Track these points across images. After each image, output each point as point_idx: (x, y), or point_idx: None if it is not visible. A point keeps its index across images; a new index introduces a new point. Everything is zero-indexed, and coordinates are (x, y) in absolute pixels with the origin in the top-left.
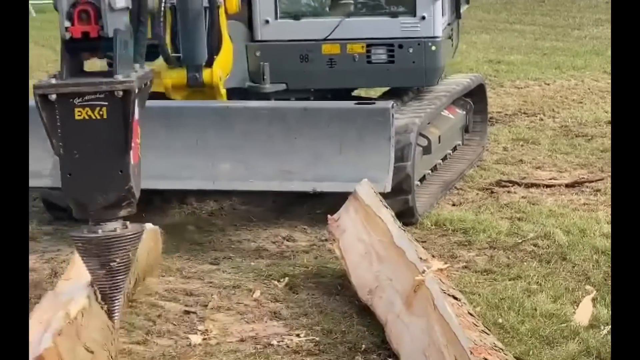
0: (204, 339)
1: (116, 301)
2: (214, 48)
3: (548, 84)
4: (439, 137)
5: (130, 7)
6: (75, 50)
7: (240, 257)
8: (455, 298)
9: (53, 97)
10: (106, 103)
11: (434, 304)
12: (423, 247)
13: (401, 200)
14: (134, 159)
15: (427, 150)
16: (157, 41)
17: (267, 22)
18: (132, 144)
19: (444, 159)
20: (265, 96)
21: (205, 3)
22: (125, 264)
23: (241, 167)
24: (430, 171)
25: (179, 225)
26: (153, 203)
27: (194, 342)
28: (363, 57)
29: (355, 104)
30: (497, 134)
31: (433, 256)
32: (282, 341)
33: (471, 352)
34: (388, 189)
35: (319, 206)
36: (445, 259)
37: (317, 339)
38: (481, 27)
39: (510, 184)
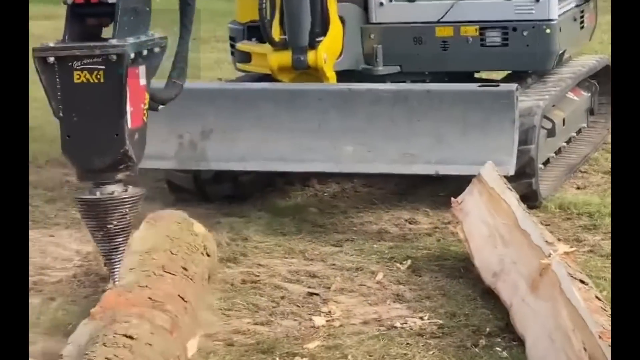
0: (328, 321)
1: (115, 263)
2: (318, 30)
3: None
4: (564, 119)
5: None
6: (78, 15)
7: (363, 240)
8: (582, 282)
9: (51, 59)
10: (103, 67)
11: (560, 288)
12: (547, 230)
13: (524, 184)
14: (135, 123)
15: (551, 133)
16: (260, 22)
17: (381, 4)
18: (131, 108)
19: (569, 141)
20: (380, 79)
21: None
22: (124, 227)
23: (364, 149)
24: (554, 154)
25: (302, 207)
26: (276, 185)
27: (318, 324)
28: (477, 40)
29: (479, 86)
30: None
31: (559, 239)
32: (406, 323)
33: (600, 337)
34: (511, 172)
35: (441, 189)
36: (570, 242)
37: (441, 321)
38: (606, 9)
39: None
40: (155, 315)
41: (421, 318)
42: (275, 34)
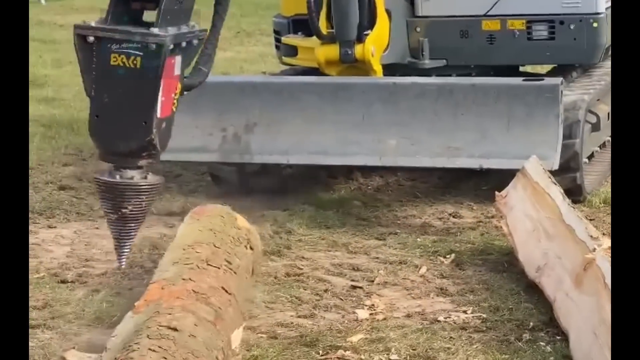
0: (371, 314)
1: (125, 247)
2: (367, 23)
3: None
4: (608, 113)
5: None
6: None
7: (406, 233)
8: None
9: (91, 39)
10: (141, 54)
11: (604, 283)
12: (592, 225)
13: (569, 178)
14: (164, 113)
15: (595, 127)
16: (308, 16)
17: None
18: (163, 98)
19: None
20: (425, 72)
21: None
22: (138, 213)
23: (407, 143)
24: (599, 148)
25: (345, 201)
26: (319, 178)
27: (361, 317)
28: (523, 34)
29: (524, 80)
30: None
31: (603, 234)
32: (449, 317)
33: None
34: (556, 166)
35: (484, 183)
36: None
37: (484, 315)
38: None
39: None
40: (199, 308)
41: (465, 312)
42: (323, 27)
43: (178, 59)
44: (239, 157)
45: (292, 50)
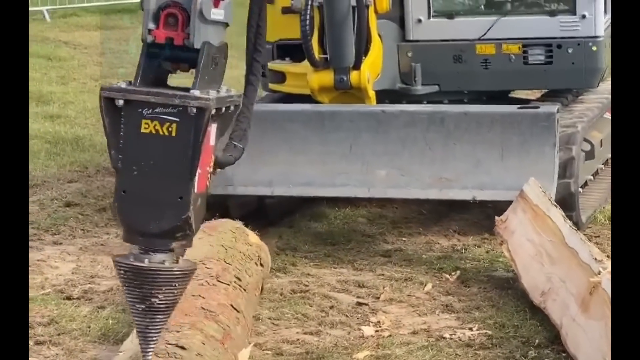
0: (377, 331)
1: (151, 342)
2: (363, 49)
3: None
4: (601, 140)
5: (229, 23)
6: (155, 56)
7: (412, 250)
8: None
9: (120, 102)
10: (177, 119)
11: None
12: (596, 242)
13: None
14: (199, 188)
15: (590, 155)
16: (303, 42)
17: (419, 21)
18: (199, 170)
19: (606, 163)
20: (417, 98)
21: (353, 2)
22: (169, 303)
23: (397, 173)
24: (592, 177)
25: (351, 217)
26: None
27: (367, 334)
28: (519, 58)
29: (518, 108)
30: None
31: (608, 256)
32: (455, 334)
33: None
34: (552, 197)
35: (490, 201)
36: None
37: (490, 332)
38: None
39: None
40: (207, 325)
41: (470, 329)
42: (315, 52)
43: (214, 128)
44: (222, 188)
45: (280, 77)
